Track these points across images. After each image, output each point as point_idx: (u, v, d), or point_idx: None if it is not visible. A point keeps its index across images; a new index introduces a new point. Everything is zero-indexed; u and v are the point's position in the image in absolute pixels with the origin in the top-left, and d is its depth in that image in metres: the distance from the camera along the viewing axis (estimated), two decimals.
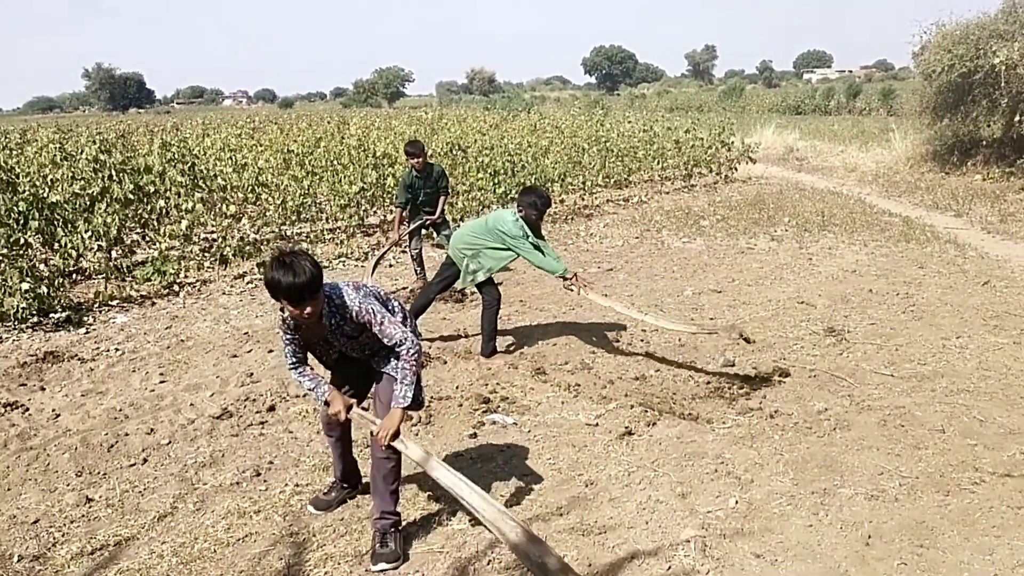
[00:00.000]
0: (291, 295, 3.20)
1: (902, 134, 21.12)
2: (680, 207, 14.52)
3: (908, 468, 4.31)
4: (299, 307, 3.24)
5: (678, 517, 3.86)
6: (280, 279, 3.17)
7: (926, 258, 9.63)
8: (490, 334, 6.42)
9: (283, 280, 3.17)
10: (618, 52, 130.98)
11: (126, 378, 6.16)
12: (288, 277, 3.16)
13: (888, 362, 6.04)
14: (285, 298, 3.21)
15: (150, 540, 3.84)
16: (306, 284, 3.19)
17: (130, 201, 9.89)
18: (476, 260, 6.29)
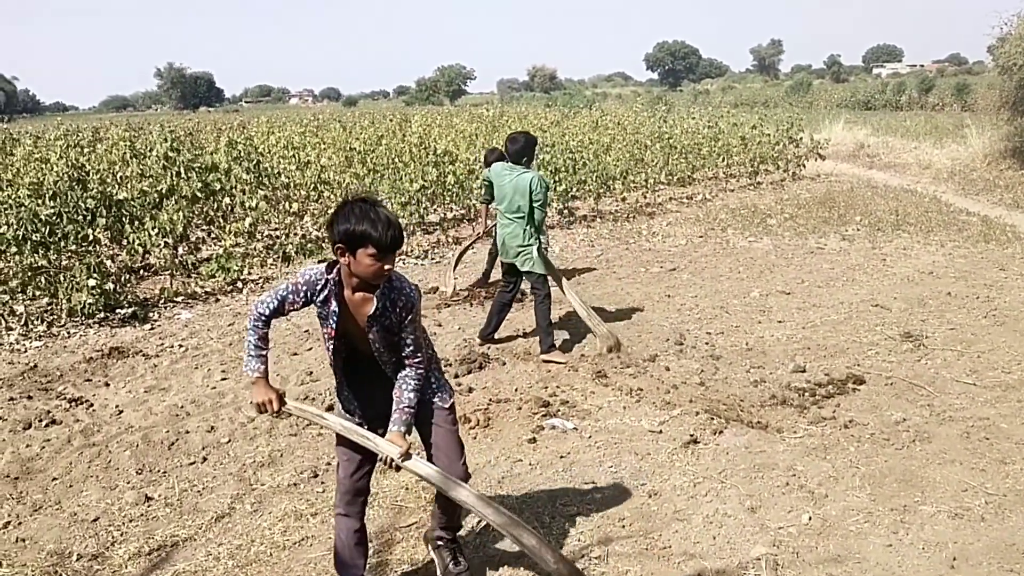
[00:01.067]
0: (385, 243, 2.76)
1: (979, 130, 20.33)
2: (746, 205, 14.17)
3: (994, 485, 4.06)
4: (385, 260, 2.80)
5: (748, 533, 3.68)
6: (378, 221, 2.75)
7: (1008, 260, 9.19)
8: (547, 330, 6.30)
9: (380, 222, 2.75)
10: (681, 47, 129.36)
11: (188, 375, 6.20)
12: (385, 220, 2.77)
13: (970, 370, 5.74)
14: (376, 245, 2.75)
15: (207, 541, 3.81)
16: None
17: (197, 198, 9.99)
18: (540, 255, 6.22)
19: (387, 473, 4.42)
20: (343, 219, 2.78)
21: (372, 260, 2.79)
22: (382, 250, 2.77)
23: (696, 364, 6.10)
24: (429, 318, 7.57)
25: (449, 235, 11.76)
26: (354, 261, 2.81)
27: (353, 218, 2.76)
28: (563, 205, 13.01)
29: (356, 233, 2.75)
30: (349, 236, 2.77)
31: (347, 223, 2.77)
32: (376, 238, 2.74)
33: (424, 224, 12.54)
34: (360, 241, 2.76)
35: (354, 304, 3.02)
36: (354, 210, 2.78)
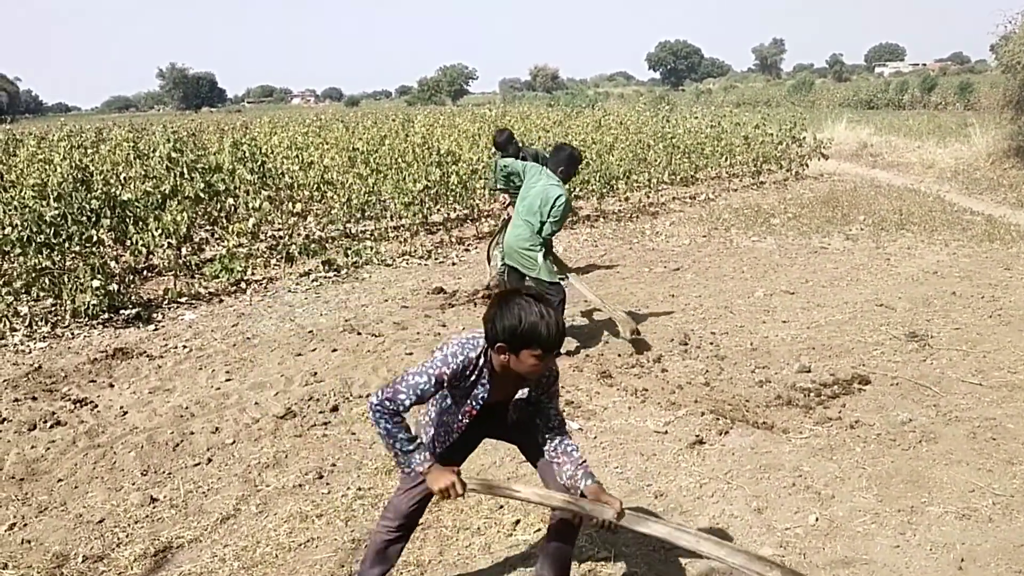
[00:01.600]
0: (553, 345, 2.63)
1: (982, 129, 20.31)
2: (749, 205, 14.16)
3: (1002, 485, 4.05)
4: (546, 361, 2.67)
5: (754, 534, 3.67)
6: (547, 322, 2.59)
7: (1012, 259, 9.17)
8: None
9: (550, 323, 2.59)
10: (683, 47, 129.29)
11: (193, 375, 6.19)
12: (554, 321, 2.61)
13: (976, 370, 5.73)
14: (543, 347, 2.60)
15: (212, 543, 3.81)
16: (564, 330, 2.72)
17: (200, 199, 10.00)
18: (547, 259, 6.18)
19: (393, 474, 4.42)
20: (507, 316, 2.60)
21: (536, 361, 2.63)
22: (548, 352, 2.63)
23: (701, 364, 6.09)
24: (433, 318, 7.56)
25: (452, 235, 11.75)
26: (515, 360, 2.65)
27: (519, 317, 2.59)
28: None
29: (523, 334, 2.59)
30: (514, 336, 2.60)
31: (513, 321, 2.59)
32: (545, 340, 2.59)
33: (427, 224, 12.53)
34: (526, 342, 2.60)
35: (503, 388, 2.87)
36: (521, 308, 2.60)
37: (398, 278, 9.42)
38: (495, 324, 2.62)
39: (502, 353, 2.65)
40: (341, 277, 9.47)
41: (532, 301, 2.61)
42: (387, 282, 9.23)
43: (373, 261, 10.13)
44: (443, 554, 3.63)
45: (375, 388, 3.04)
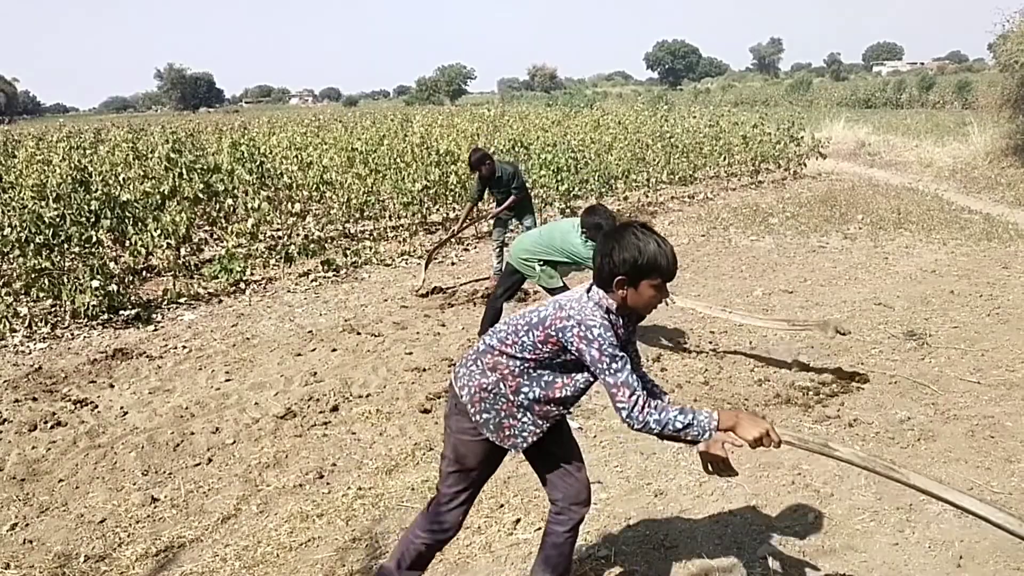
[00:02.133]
0: (672, 272, 2.54)
1: (980, 128, 20.33)
2: (748, 204, 14.18)
3: (1000, 483, 4.06)
4: (663, 291, 2.59)
5: (754, 532, 3.69)
6: (664, 249, 2.52)
7: (1010, 258, 9.19)
8: None
9: (666, 250, 2.53)
10: (681, 46, 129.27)
11: (192, 376, 6.20)
12: (669, 248, 2.54)
13: (974, 368, 5.74)
14: (663, 275, 2.53)
15: (213, 543, 3.82)
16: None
17: (199, 199, 10.02)
18: (547, 267, 6.17)
19: (393, 473, 4.44)
20: (626, 248, 2.52)
21: (654, 292, 2.56)
22: (667, 280, 2.56)
23: (700, 363, 6.11)
24: (432, 318, 7.58)
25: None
26: (634, 293, 2.56)
27: (638, 248, 2.51)
28: (565, 205, 13.01)
29: (644, 264, 2.50)
30: (635, 267, 2.51)
31: (633, 252, 2.51)
32: (665, 268, 2.52)
33: (427, 224, 12.54)
34: (647, 272, 2.52)
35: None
36: (637, 238, 2.53)
37: (397, 278, 9.43)
38: (612, 258, 2.53)
39: (620, 288, 2.55)
40: (340, 277, 9.48)
41: (645, 231, 2.55)
42: (386, 282, 9.24)
43: (372, 261, 10.14)
44: (444, 553, 3.62)
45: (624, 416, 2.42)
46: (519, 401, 2.73)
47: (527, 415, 2.76)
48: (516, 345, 2.69)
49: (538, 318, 2.65)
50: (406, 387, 5.78)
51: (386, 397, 5.60)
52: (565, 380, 2.72)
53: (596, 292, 2.61)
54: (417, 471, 4.47)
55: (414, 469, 4.51)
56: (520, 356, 2.69)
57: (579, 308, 2.56)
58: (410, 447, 4.78)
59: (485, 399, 2.75)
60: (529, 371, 2.70)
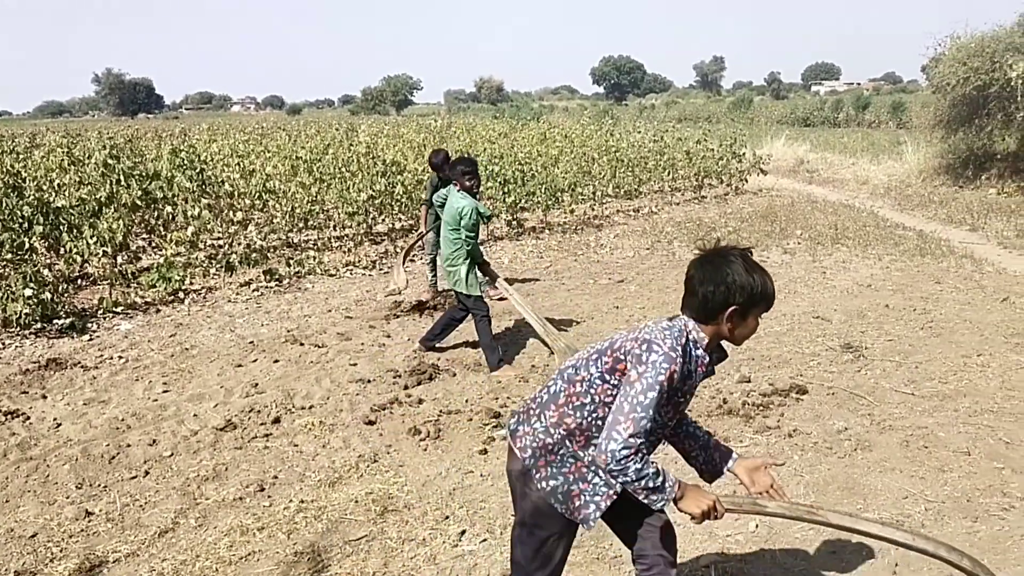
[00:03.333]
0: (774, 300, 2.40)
1: (914, 147, 20.98)
2: (691, 218, 14.39)
3: (933, 492, 4.17)
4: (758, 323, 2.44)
5: (697, 541, 3.72)
6: (770, 277, 2.38)
7: (943, 273, 9.48)
8: (490, 347, 6.30)
9: (769, 276, 2.38)
10: (627, 62, 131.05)
11: (129, 387, 6.05)
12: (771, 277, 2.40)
13: (908, 380, 5.90)
14: (770, 303, 2.39)
15: (150, 557, 3.71)
16: None
17: (137, 207, 9.80)
18: (472, 273, 6.23)
19: (336, 486, 4.38)
20: (741, 273, 2.32)
21: (757, 322, 2.41)
22: (770, 308, 2.41)
23: None
24: (378, 329, 7.52)
25: (398, 245, 11.69)
26: (742, 324, 2.39)
27: (753, 276, 2.33)
28: (512, 217, 13.04)
29: (759, 294, 2.34)
30: (751, 297, 2.33)
31: (751, 281, 2.32)
32: (772, 296, 2.38)
33: (372, 234, 12.47)
34: (759, 301, 2.36)
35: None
36: (747, 265, 2.34)
37: (342, 288, 9.34)
38: (727, 286, 2.31)
39: (731, 319, 2.35)
40: (283, 287, 9.36)
41: (745, 257, 2.38)
42: (331, 292, 9.15)
43: (316, 271, 10.03)
44: (387, 566, 3.60)
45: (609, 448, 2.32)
46: (588, 457, 2.45)
47: (599, 475, 2.47)
48: (584, 383, 2.43)
49: (608, 343, 2.45)
50: (350, 399, 5.72)
51: (329, 409, 5.53)
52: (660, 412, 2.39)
53: (686, 321, 2.40)
54: (361, 483, 4.42)
55: (358, 481, 4.45)
56: (588, 398, 2.42)
57: (656, 331, 2.36)
58: (354, 459, 4.73)
59: (552, 462, 2.47)
60: (599, 420, 2.41)
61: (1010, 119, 16.34)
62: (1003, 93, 15.88)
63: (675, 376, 2.29)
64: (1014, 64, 15.11)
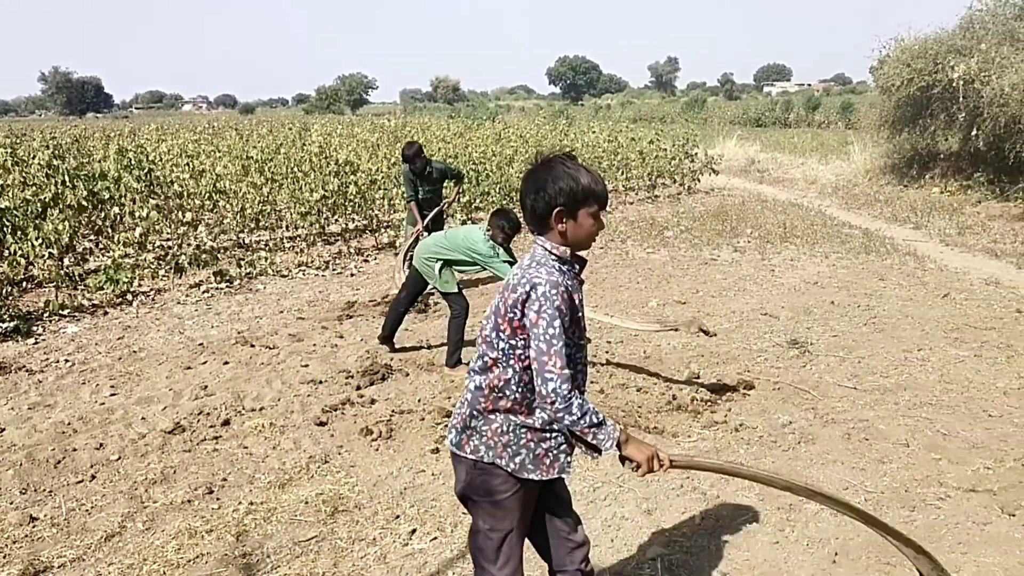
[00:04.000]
0: (605, 196, 2.43)
1: (861, 147, 21.42)
2: (644, 218, 14.54)
3: (873, 483, 4.29)
4: (600, 219, 2.46)
5: (643, 534, 3.79)
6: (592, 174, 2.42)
7: (886, 270, 9.71)
8: (456, 344, 6.32)
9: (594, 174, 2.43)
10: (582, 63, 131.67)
11: (75, 391, 5.95)
12: (596, 173, 2.45)
13: (851, 375, 6.04)
14: (599, 201, 2.43)
15: (96, 561, 3.67)
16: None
17: (83, 207, 9.63)
18: (446, 269, 6.27)
19: (286, 487, 4.37)
20: (559, 178, 2.39)
21: (593, 220, 2.44)
22: (602, 206, 2.45)
23: (595, 372, 6.22)
24: (330, 330, 7.49)
25: (351, 246, 11.63)
26: (574, 225, 2.43)
27: (571, 175, 2.39)
28: (467, 216, 13.06)
29: (580, 190, 2.38)
30: (572, 196, 2.38)
31: (568, 181, 2.38)
32: (600, 193, 2.42)
33: (325, 235, 12.39)
34: (584, 199, 2.40)
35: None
36: (566, 167, 2.41)
37: (294, 289, 9.28)
38: (547, 190, 2.39)
39: (560, 222, 2.41)
40: (234, 288, 9.27)
41: (573, 161, 2.45)
42: (283, 293, 9.08)
43: (268, 272, 9.95)
44: (337, 566, 3.60)
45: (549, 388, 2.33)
46: (538, 420, 2.47)
47: (553, 431, 2.49)
48: (498, 363, 2.46)
49: (493, 315, 2.49)
50: (301, 400, 5.69)
51: (280, 410, 5.50)
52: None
53: (538, 249, 2.47)
54: (312, 484, 4.41)
55: (308, 482, 4.44)
56: (509, 372, 2.44)
57: (523, 272, 2.42)
58: (304, 460, 4.71)
59: (509, 443, 2.48)
60: (528, 383, 2.43)
61: (952, 119, 16.74)
62: (945, 94, 16.26)
63: (566, 294, 2.35)
64: (956, 65, 15.49)
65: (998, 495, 4.11)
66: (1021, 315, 7.58)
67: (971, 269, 9.76)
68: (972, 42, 15.90)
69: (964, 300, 8.18)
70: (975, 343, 6.73)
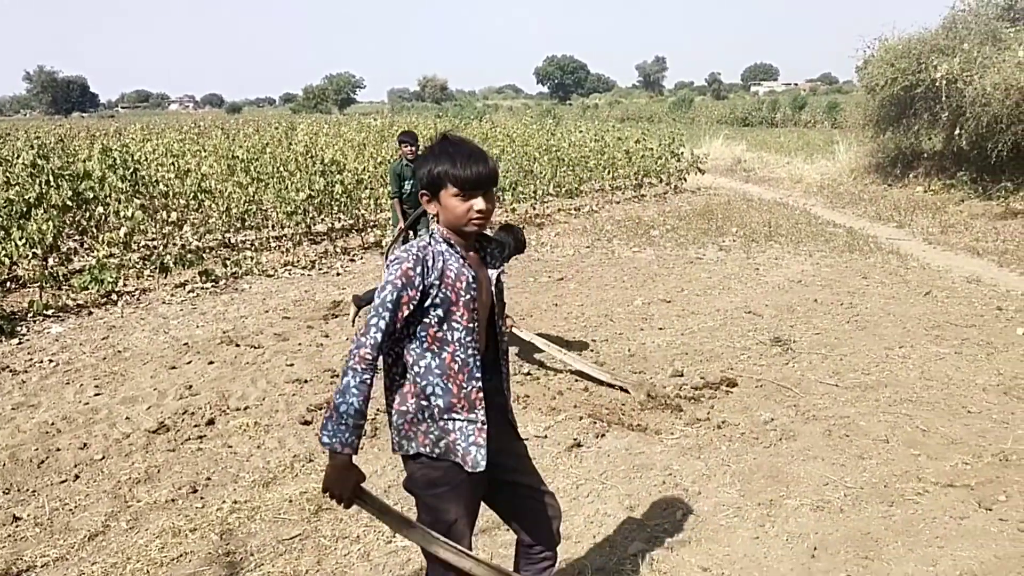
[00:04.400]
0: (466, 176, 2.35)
1: (846, 146, 21.56)
2: (630, 217, 14.59)
3: (853, 478, 4.33)
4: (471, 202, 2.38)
5: (626, 530, 3.82)
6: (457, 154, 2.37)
7: (869, 268, 9.79)
8: None
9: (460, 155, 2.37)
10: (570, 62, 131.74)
11: (59, 390, 5.94)
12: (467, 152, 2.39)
13: (833, 372, 6.10)
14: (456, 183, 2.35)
15: (80, 561, 3.67)
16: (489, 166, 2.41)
17: (68, 207, 9.60)
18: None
19: (270, 486, 4.38)
20: (424, 163, 2.42)
21: (458, 202, 2.36)
22: (464, 187, 2.35)
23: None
24: (316, 329, 7.49)
25: (337, 245, 11.63)
26: (442, 207, 2.40)
27: (433, 158, 2.39)
28: None
29: (435, 175, 2.38)
30: (430, 180, 2.39)
31: (427, 164, 2.40)
32: (456, 175, 2.34)
33: (311, 234, 12.38)
34: (440, 181, 2.37)
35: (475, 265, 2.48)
36: (435, 151, 2.41)
37: (280, 288, 9.28)
38: (417, 177, 2.45)
39: (429, 205, 2.43)
40: (219, 288, 9.26)
41: (451, 140, 2.45)
42: (268, 293, 9.08)
43: (254, 271, 9.94)
44: (321, 563, 3.62)
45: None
46: (436, 399, 2.41)
47: (451, 412, 2.42)
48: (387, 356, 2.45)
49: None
50: (286, 399, 5.70)
51: (265, 409, 5.51)
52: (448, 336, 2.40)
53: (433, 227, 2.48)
54: (296, 483, 4.42)
55: (293, 481, 4.45)
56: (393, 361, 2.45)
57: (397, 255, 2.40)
58: (289, 459, 4.72)
59: (416, 424, 2.44)
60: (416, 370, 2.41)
61: (936, 119, 16.88)
62: (929, 93, 16.38)
63: (411, 273, 2.30)
64: (938, 65, 15.61)
65: (976, 490, 4.16)
66: (1001, 312, 7.66)
67: (953, 267, 9.85)
68: (955, 42, 16.02)
69: (945, 298, 8.26)
70: (956, 340, 6.80)
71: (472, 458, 2.42)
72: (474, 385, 2.42)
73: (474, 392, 2.42)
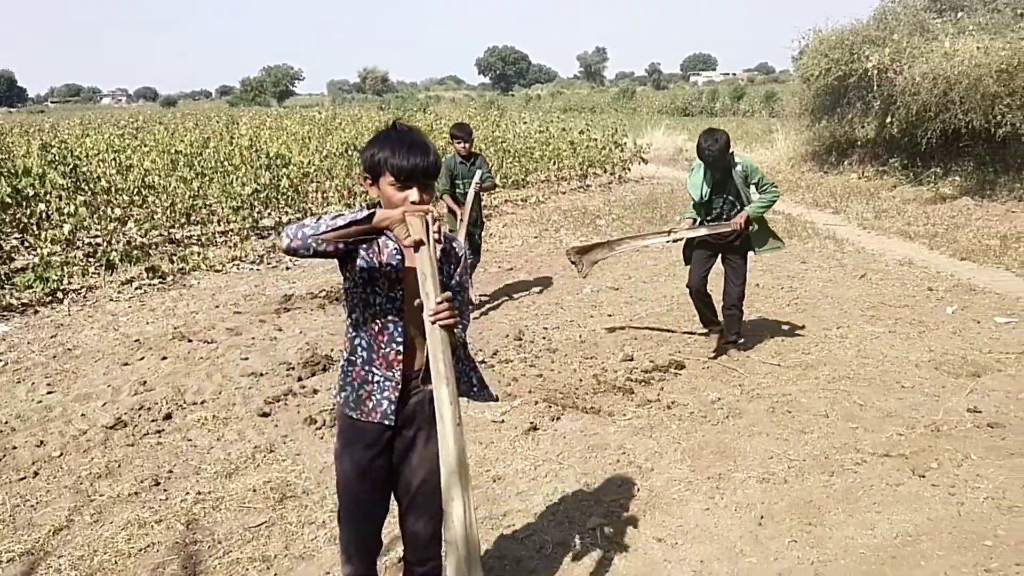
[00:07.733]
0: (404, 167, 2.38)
1: (784, 135, 22.06)
2: (577, 207, 14.80)
3: (795, 451, 4.56)
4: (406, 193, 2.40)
5: (584, 506, 3.98)
6: (399, 144, 2.39)
7: (808, 253, 10.13)
8: None
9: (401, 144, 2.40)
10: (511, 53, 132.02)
11: (10, 389, 5.88)
12: (408, 143, 2.40)
13: (775, 352, 6.35)
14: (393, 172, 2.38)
15: (46, 555, 3.70)
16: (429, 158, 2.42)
17: (7, 205, 9.42)
18: None
19: (233, 477, 4.43)
20: (368, 145, 2.48)
21: (394, 191, 2.40)
22: (400, 177, 2.38)
23: (535, 358, 6.40)
24: (268, 323, 7.51)
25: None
26: (381, 192, 2.45)
27: (376, 145, 2.43)
28: None
29: (374, 162, 2.43)
30: (370, 163, 2.44)
31: (369, 149, 2.46)
32: (398, 166, 2.37)
33: (258, 229, 12.30)
34: (379, 169, 2.42)
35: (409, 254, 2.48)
36: (379, 135, 2.47)
37: (229, 284, 9.24)
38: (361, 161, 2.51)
39: (369, 186, 2.50)
40: (167, 284, 9.19)
41: (393, 130, 2.48)
42: (217, 288, 9.04)
43: (201, 267, 9.87)
44: (289, 548, 3.70)
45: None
46: (360, 354, 2.55)
47: (373, 367, 2.54)
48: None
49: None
50: (243, 392, 5.74)
51: (222, 403, 5.54)
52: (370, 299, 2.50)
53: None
54: (258, 472, 4.48)
55: (255, 471, 4.52)
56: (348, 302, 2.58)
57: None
58: (250, 450, 4.78)
59: (341, 375, 2.61)
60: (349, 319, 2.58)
61: (868, 108, 17.38)
62: (861, 83, 16.86)
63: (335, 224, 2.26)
64: (870, 55, 16.09)
65: (909, 459, 4.42)
66: (932, 293, 8.03)
67: (886, 251, 10.25)
68: (885, 33, 16.52)
69: (880, 280, 8.61)
70: (890, 320, 7.12)
71: (383, 410, 2.55)
72: (393, 348, 2.52)
73: (392, 354, 2.53)
